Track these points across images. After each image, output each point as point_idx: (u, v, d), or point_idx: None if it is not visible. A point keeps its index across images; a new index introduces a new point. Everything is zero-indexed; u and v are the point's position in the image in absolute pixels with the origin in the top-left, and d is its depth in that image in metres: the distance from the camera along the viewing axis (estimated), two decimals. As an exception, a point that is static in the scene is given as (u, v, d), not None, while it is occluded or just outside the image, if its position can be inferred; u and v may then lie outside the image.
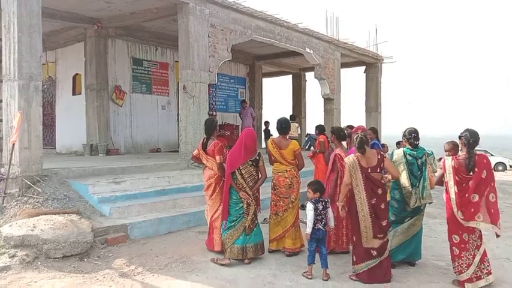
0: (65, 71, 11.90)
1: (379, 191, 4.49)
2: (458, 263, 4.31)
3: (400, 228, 4.86)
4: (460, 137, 4.35)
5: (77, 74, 11.60)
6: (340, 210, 4.58)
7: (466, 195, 4.19)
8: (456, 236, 4.33)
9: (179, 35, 8.99)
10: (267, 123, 15.09)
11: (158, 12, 9.70)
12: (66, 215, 5.50)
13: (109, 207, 6.06)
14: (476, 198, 4.19)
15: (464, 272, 4.26)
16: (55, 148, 12.18)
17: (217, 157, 5.19)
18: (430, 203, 4.91)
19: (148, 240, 5.82)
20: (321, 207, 4.58)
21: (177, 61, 11.25)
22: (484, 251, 4.33)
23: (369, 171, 4.44)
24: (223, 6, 9.51)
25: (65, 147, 11.88)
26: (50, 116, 12.36)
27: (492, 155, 20.91)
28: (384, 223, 4.48)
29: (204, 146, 5.35)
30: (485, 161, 4.27)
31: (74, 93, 11.74)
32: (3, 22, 6.32)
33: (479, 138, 4.25)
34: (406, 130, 5.00)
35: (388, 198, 4.83)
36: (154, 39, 12.22)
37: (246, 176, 4.91)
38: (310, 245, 4.59)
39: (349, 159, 4.54)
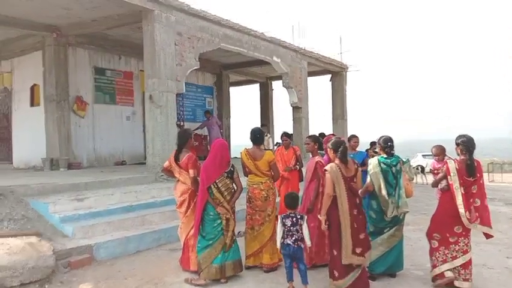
0: (21, 81, 11.23)
1: (357, 201, 4.40)
2: (435, 256, 4.45)
3: (379, 239, 4.72)
4: (458, 144, 4.42)
5: (35, 85, 10.97)
6: (323, 224, 4.32)
7: (471, 200, 4.32)
8: (437, 234, 4.47)
9: (144, 43, 8.66)
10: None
11: (120, 19, 9.32)
12: (24, 237, 5.04)
13: (72, 227, 5.63)
14: (479, 202, 4.35)
15: (438, 265, 4.41)
16: (12, 163, 11.45)
17: (191, 171, 4.90)
18: (407, 212, 4.82)
19: (116, 261, 5.44)
20: (289, 223, 4.36)
21: (142, 70, 10.85)
22: (470, 259, 4.42)
23: (348, 180, 4.34)
24: (189, 13, 9.26)
25: (23, 161, 11.18)
26: (6, 129, 11.65)
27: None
28: (362, 236, 4.33)
29: (176, 159, 5.05)
30: (479, 166, 4.44)
31: (32, 105, 11.09)
32: (-50, 29, 5.82)
33: (475, 143, 4.42)
34: (380, 138, 4.89)
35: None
36: (118, 48, 11.77)
37: (223, 189, 4.66)
38: (285, 261, 4.41)
39: (332, 168, 4.31)
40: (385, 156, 4.77)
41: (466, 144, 4.33)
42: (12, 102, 11.49)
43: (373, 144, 10.34)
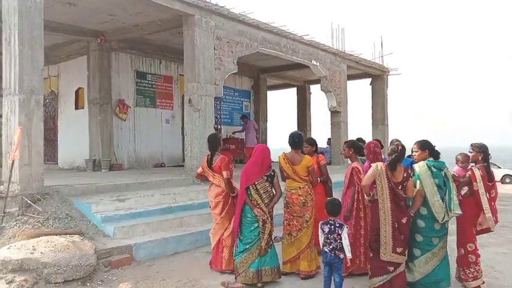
0: (67, 85, 11.70)
1: (402, 204, 4.30)
2: (474, 269, 4.53)
3: (430, 254, 4.38)
4: (478, 151, 4.71)
5: (79, 88, 11.40)
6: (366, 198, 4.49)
7: (492, 203, 4.61)
8: (471, 244, 4.59)
9: (184, 48, 8.80)
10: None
11: (162, 24, 9.52)
12: (68, 235, 5.20)
13: (113, 227, 5.77)
14: (494, 205, 4.65)
15: (480, 277, 4.52)
16: (57, 163, 11.92)
17: (225, 173, 4.93)
18: (460, 214, 4.46)
19: (154, 262, 5.51)
20: (326, 230, 4.29)
21: (182, 74, 11.07)
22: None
23: (394, 185, 4.30)
24: (229, 18, 9.33)
25: (67, 162, 11.62)
26: (52, 130, 12.13)
27: (499, 167, 20.48)
28: (403, 237, 4.26)
29: (210, 163, 5.09)
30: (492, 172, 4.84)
31: (76, 108, 11.52)
32: (4, 34, 6.11)
33: None
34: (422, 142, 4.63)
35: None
36: (159, 52, 12.05)
37: (262, 191, 4.64)
38: (324, 268, 4.34)
39: (377, 165, 4.35)
40: (431, 159, 4.52)
41: (485, 151, 4.62)
42: (58, 105, 11.98)
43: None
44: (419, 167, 4.47)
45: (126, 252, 5.42)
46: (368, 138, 10.84)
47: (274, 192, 4.78)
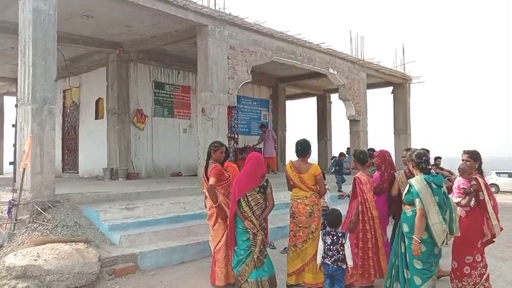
0: (88, 95, 11.98)
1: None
2: (466, 281, 4.35)
3: (431, 281, 3.92)
4: (478, 159, 4.59)
5: (99, 99, 11.64)
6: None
7: (496, 210, 4.48)
8: (469, 257, 4.38)
9: (198, 57, 8.86)
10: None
11: (178, 35, 9.63)
12: (74, 243, 5.24)
13: (119, 235, 5.77)
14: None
15: None
16: (78, 172, 12.17)
17: (211, 179, 4.76)
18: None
19: (159, 271, 5.47)
20: (329, 241, 4.22)
21: (199, 84, 11.13)
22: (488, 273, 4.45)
23: None
24: (243, 27, 9.35)
25: (87, 171, 11.84)
26: (74, 140, 12.44)
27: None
28: None
29: (206, 171, 5.02)
30: None
31: (96, 118, 11.77)
32: (19, 46, 6.29)
33: None
34: (413, 153, 4.13)
35: None
36: (176, 63, 12.19)
37: (253, 204, 4.47)
38: (325, 280, 4.28)
39: (399, 174, 5.13)
40: (426, 174, 3.99)
41: (480, 159, 4.58)
42: (80, 115, 12.27)
43: (437, 159, 9.64)
44: (419, 183, 3.92)
45: (131, 261, 5.40)
46: (390, 147, 10.55)
47: (268, 203, 4.61)
